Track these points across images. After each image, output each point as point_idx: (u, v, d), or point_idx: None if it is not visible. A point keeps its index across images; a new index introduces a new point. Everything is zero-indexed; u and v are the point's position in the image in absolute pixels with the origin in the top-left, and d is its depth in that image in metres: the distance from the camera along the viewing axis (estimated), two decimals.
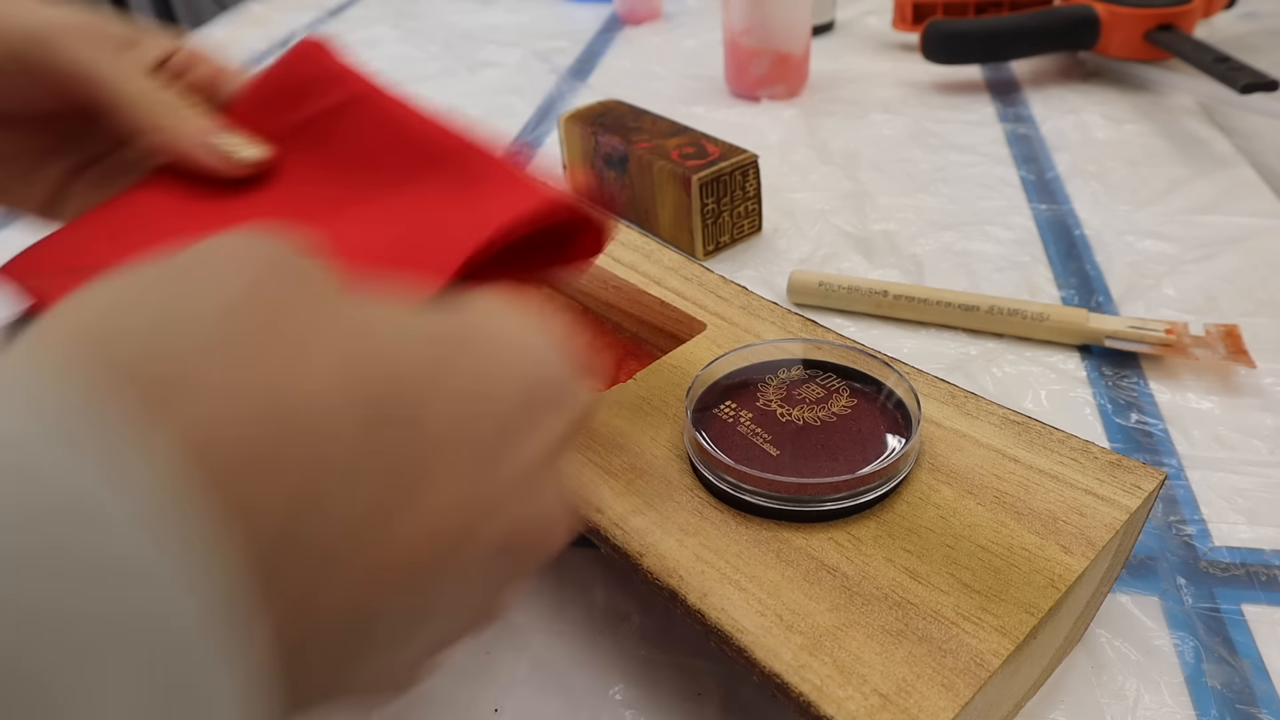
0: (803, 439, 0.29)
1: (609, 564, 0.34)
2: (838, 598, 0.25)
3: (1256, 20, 0.81)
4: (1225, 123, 0.65)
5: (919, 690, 0.22)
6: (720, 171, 0.50)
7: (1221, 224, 0.53)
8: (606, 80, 0.80)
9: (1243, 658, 0.30)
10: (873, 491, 0.27)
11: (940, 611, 0.24)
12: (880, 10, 0.90)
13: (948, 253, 0.52)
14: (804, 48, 0.71)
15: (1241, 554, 0.33)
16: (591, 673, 0.31)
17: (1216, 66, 0.61)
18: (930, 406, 0.30)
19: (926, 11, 0.78)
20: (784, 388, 0.31)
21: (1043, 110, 0.69)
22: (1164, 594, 0.32)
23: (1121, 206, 0.55)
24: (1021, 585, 0.24)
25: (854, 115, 0.70)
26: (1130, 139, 0.63)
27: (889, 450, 0.28)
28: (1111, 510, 0.26)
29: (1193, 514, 0.35)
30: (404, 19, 0.99)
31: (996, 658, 0.23)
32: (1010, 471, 0.28)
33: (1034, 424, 0.29)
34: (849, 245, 0.53)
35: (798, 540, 0.26)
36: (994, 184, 0.59)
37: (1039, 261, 0.51)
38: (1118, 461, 0.28)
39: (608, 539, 0.27)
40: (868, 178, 0.61)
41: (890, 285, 0.46)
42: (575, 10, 0.98)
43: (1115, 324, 0.42)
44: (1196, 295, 0.47)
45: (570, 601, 0.33)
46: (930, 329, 0.46)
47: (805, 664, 0.23)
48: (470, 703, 0.30)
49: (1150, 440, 0.39)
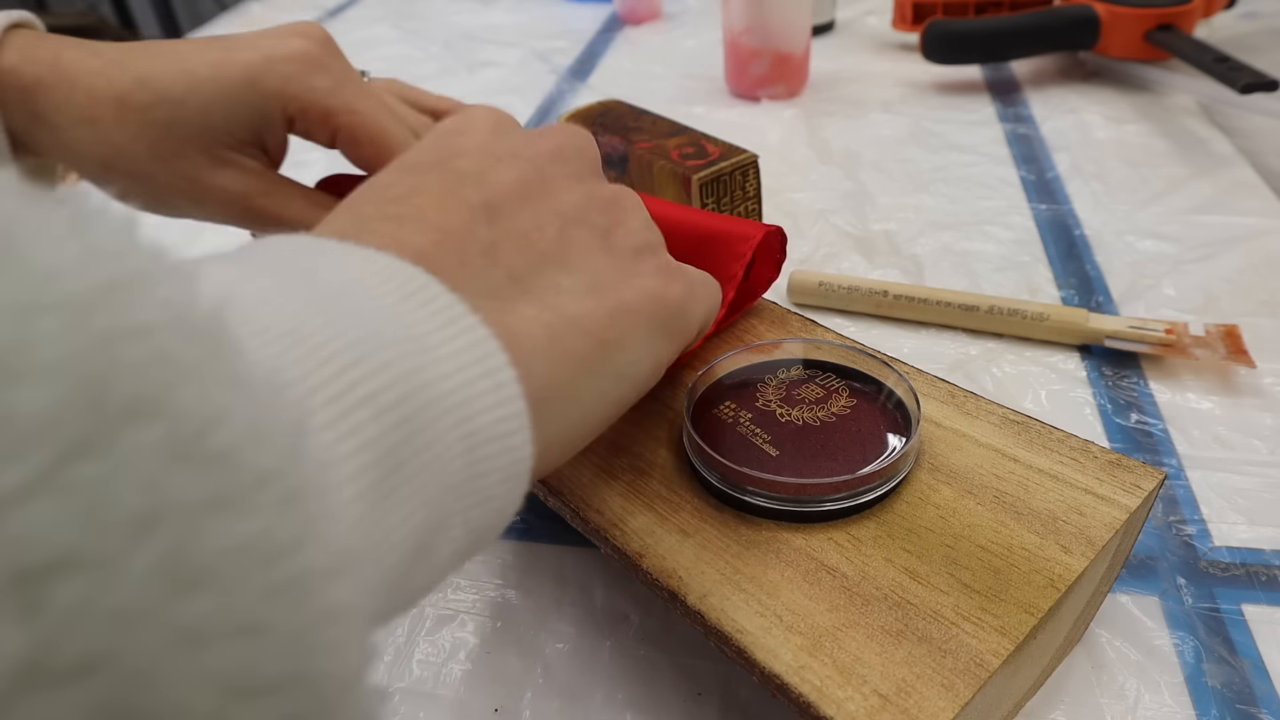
0: (802, 439, 0.29)
1: (609, 564, 0.34)
2: (837, 598, 0.25)
3: (1256, 20, 0.81)
4: (1225, 123, 0.65)
5: (919, 690, 0.22)
6: (720, 171, 0.50)
7: (1221, 224, 0.53)
8: (606, 80, 0.80)
9: (1243, 658, 0.30)
10: (872, 491, 0.27)
11: (940, 612, 0.24)
12: (880, 10, 0.90)
13: (948, 253, 0.52)
14: (804, 48, 0.71)
15: (1241, 554, 0.33)
16: (591, 673, 0.31)
17: (1216, 66, 0.61)
18: (930, 406, 0.30)
19: (926, 11, 0.78)
20: (784, 388, 0.31)
21: (1043, 110, 0.69)
22: (1164, 594, 0.32)
23: (1121, 206, 0.55)
24: (1021, 585, 0.24)
25: (854, 115, 0.70)
26: (1130, 139, 0.63)
27: (889, 450, 0.28)
28: (1111, 510, 0.26)
29: (1193, 514, 0.35)
30: (404, 19, 0.99)
31: (996, 658, 0.23)
32: (1010, 471, 0.28)
33: (1034, 424, 0.29)
34: (849, 245, 0.53)
35: (797, 540, 0.26)
36: (994, 184, 0.59)
37: (1039, 261, 0.51)
38: (1117, 461, 0.28)
39: (608, 539, 0.27)
40: (868, 178, 0.61)
41: (890, 285, 0.46)
42: (575, 10, 0.98)
43: (1115, 324, 0.42)
44: (1196, 295, 0.47)
45: (570, 601, 0.33)
46: (930, 329, 0.46)
47: (805, 664, 0.23)
48: (470, 703, 0.30)
49: (1150, 440, 0.39)
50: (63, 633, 0.10)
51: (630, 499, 0.28)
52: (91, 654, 0.10)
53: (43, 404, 0.10)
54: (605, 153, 0.55)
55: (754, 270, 0.36)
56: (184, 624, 0.11)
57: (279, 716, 0.12)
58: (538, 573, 0.34)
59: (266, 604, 0.12)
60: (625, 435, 0.31)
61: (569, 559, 0.35)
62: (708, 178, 0.50)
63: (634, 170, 0.53)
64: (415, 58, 0.88)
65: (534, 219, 0.22)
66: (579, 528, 0.29)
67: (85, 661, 0.10)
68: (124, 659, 0.10)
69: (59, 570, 0.10)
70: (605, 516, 0.28)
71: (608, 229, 0.24)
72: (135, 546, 0.10)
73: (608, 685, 0.30)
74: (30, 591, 0.10)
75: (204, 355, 0.12)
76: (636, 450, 0.30)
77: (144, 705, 0.10)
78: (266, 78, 0.34)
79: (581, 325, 0.21)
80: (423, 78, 0.83)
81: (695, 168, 0.50)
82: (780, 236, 0.36)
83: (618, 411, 0.23)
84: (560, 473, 0.30)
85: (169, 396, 0.11)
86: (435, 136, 0.24)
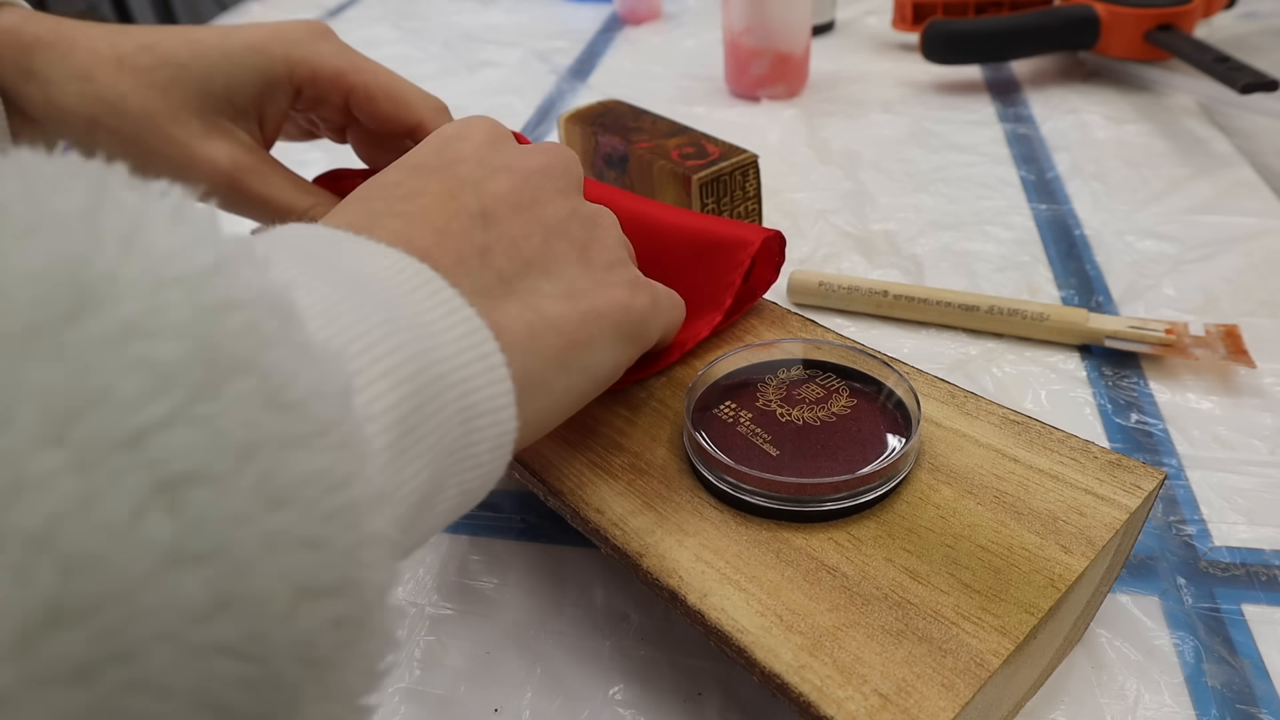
0: (803, 439, 0.29)
1: (609, 564, 0.34)
2: (838, 598, 0.25)
3: (1256, 20, 0.81)
4: (1225, 123, 0.65)
5: (919, 690, 0.22)
6: (720, 171, 0.50)
7: (1221, 224, 0.53)
8: (606, 80, 0.80)
9: (1243, 658, 0.30)
10: (873, 491, 0.27)
11: (940, 611, 0.24)
12: (880, 10, 0.90)
13: (948, 253, 0.52)
14: (804, 48, 0.71)
15: (1241, 554, 0.33)
16: (591, 673, 0.31)
17: (1216, 66, 0.61)
18: (930, 406, 0.30)
19: (926, 11, 0.78)
20: (784, 388, 0.31)
21: (1043, 110, 0.69)
22: (1164, 594, 0.32)
23: (1121, 206, 0.55)
24: (1021, 585, 0.24)
25: (854, 115, 0.70)
26: (1130, 139, 0.63)
27: (889, 450, 0.28)
28: (1111, 510, 0.26)
29: (1193, 514, 0.35)
30: (404, 19, 0.99)
31: (996, 658, 0.23)
32: (1010, 471, 0.28)
33: (1034, 424, 0.29)
34: (849, 245, 0.53)
35: (798, 540, 0.26)
36: (994, 184, 0.59)
37: (1039, 261, 0.51)
38: (1117, 461, 0.28)
39: (608, 539, 0.27)
40: (868, 178, 0.61)
41: (890, 285, 0.46)
42: (575, 10, 0.98)
43: (1115, 324, 0.42)
44: (1196, 295, 0.47)
45: (570, 602, 0.33)
46: (930, 329, 0.46)
47: (805, 664, 0.23)
48: (470, 703, 0.30)
49: (1150, 440, 0.39)
50: (194, 527, 0.12)
51: (630, 499, 0.28)
52: (212, 546, 0.13)
53: (177, 355, 0.13)
54: (605, 153, 0.55)
55: (753, 273, 0.36)
56: (271, 530, 0.13)
57: (331, 614, 0.14)
58: (538, 573, 0.34)
59: (327, 524, 0.14)
60: (625, 435, 0.31)
61: (569, 559, 0.35)
62: (708, 178, 0.50)
63: (634, 170, 0.53)
64: (415, 58, 0.88)
65: (523, 228, 0.25)
66: (579, 528, 0.29)
67: (207, 551, 0.13)
68: (231, 553, 0.13)
69: (193, 480, 0.13)
70: (605, 516, 0.28)
71: (586, 243, 0.27)
72: (241, 468, 0.13)
73: (608, 685, 0.30)
74: (173, 495, 0.12)
75: (280, 327, 0.15)
76: (636, 450, 0.30)
77: (242, 592, 0.13)
78: (273, 44, 0.35)
79: (556, 326, 0.24)
80: (423, 78, 0.83)
81: (695, 168, 0.50)
82: (779, 240, 0.36)
83: (581, 403, 0.26)
84: (561, 472, 0.30)
85: (259, 357, 0.14)
86: (437, 139, 0.27)
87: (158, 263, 0.14)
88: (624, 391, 0.32)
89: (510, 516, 0.37)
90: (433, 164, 0.25)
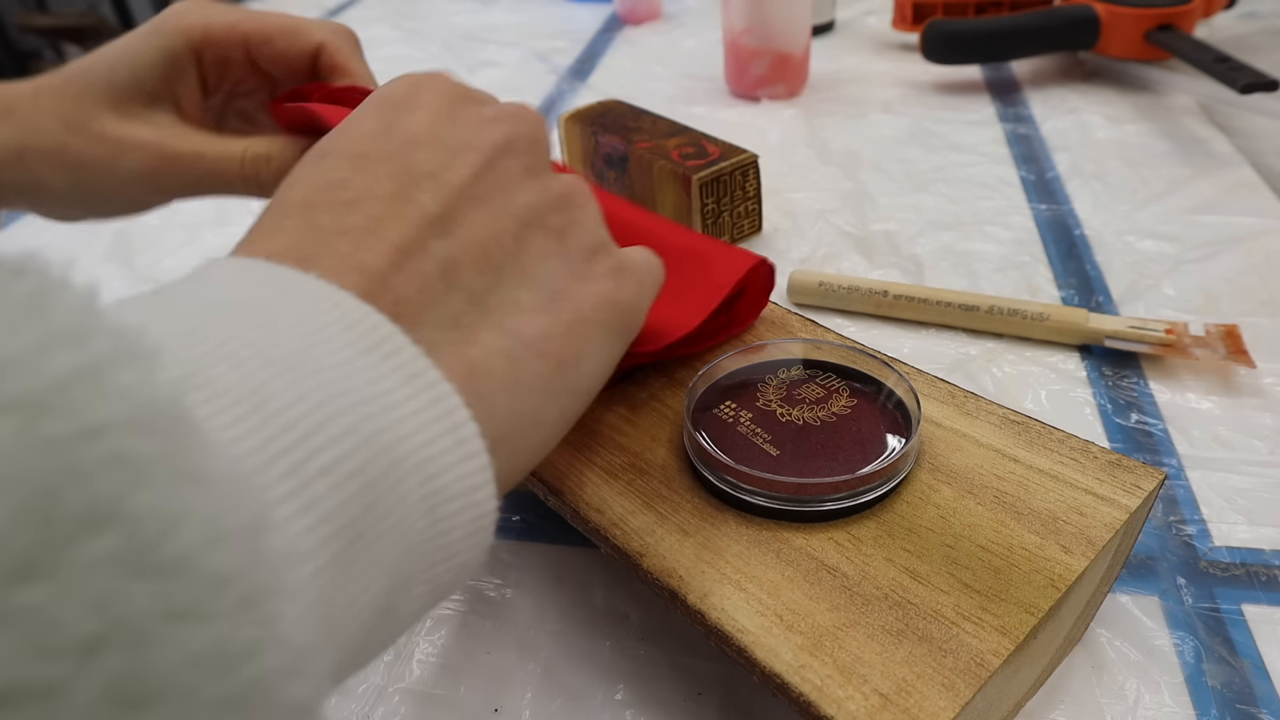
0: (803, 439, 0.29)
1: (609, 564, 0.34)
2: (838, 598, 0.25)
3: (1256, 20, 0.81)
4: (1225, 123, 0.65)
5: (919, 690, 0.22)
6: (720, 171, 0.50)
7: (1221, 224, 0.53)
8: (606, 80, 0.80)
9: (1243, 658, 0.30)
10: (873, 491, 0.27)
11: (940, 611, 0.24)
12: (880, 10, 0.90)
13: (948, 253, 0.52)
14: (804, 48, 0.71)
15: (1241, 554, 0.33)
16: (591, 673, 0.31)
17: (1216, 66, 0.61)
18: (930, 406, 0.30)
19: (926, 11, 0.78)
20: (784, 388, 0.31)
21: (1043, 110, 0.69)
22: (1164, 594, 0.32)
23: (1121, 206, 0.55)
24: (1021, 585, 0.24)
25: (854, 115, 0.70)
26: (1130, 139, 0.63)
27: (889, 450, 0.28)
28: (1111, 510, 0.26)
29: (1193, 514, 0.35)
30: (404, 19, 0.99)
31: (997, 658, 0.23)
32: (1010, 471, 0.28)
33: (1034, 424, 0.29)
34: (849, 245, 0.53)
35: (798, 540, 0.26)
36: (994, 184, 0.59)
37: (1039, 261, 0.51)
38: (1118, 461, 0.28)
39: (608, 539, 0.27)
40: (868, 178, 0.61)
41: (890, 285, 0.46)
42: (575, 10, 0.98)
43: (1115, 324, 0.42)
44: (1196, 295, 0.47)
45: (570, 601, 0.33)
46: (930, 329, 0.46)
47: (805, 664, 0.23)
48: (470, 703, 0.30)
49: (1150, 440, 0.39)
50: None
51: (630, 499, 0.28)
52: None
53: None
54: (605, 153, 0.55)
55: (741, 299, 0.35)
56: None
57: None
58: (538, 572, 0.34)
59: (222, 714, 0.11)
60: (625, 435, 0.31)
61: (569, 559, 0.35)
62: (708, 178, 0.50)
63: (634, 170, 0.53)
64: (415, 58, 0.88)
65: (490, 225, 0.22)
66: (579, 527, 0.29)
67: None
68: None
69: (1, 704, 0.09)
70: (605, 516, 0.28)
71: (562, 230, 0.24)
72: (82, 672, 0.10)
73: (608, 685, 0.30)
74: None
75: (162, 450, 0.11)
76: (636, 450, 0.30)
77: None
78: (166, 21, 0.36)
79: (540, 348, 0.21)
80: None
81: (695, 168, 0.50)
82: (769, 270, 0.35)
83: (574, 422, 0.23)
84: (560, 472, 0.30)
85: (124, 502, 0.11)
86: (384, 109, 0.23)
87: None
88: (624, 391, 0.32)
89: (510, 516, 0.37)
90: (381, 150, 0.22)
